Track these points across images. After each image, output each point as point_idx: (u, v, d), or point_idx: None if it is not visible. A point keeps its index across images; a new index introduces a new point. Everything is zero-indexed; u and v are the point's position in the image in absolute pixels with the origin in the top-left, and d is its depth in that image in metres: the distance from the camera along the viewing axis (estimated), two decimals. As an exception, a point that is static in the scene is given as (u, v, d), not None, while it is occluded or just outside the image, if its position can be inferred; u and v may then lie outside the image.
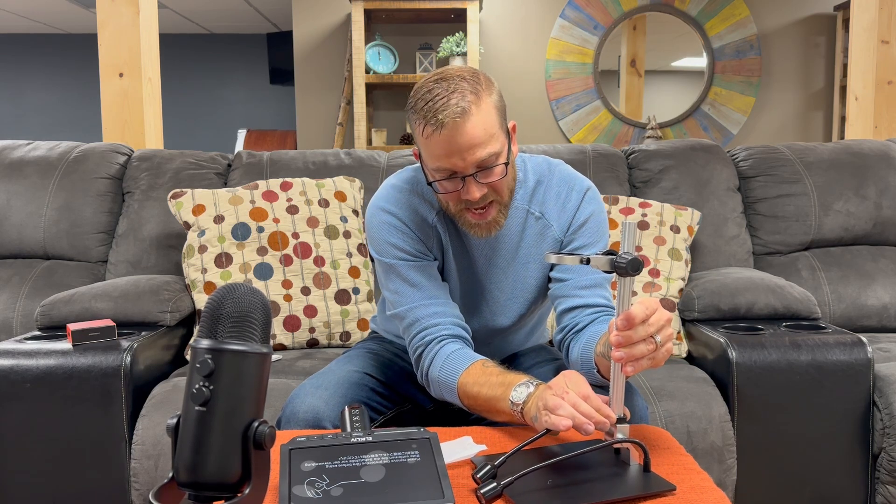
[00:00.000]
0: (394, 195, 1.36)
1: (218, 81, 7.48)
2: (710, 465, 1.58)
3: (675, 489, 0.94)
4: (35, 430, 1.55)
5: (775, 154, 2.30)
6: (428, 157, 1.22)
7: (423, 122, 1.19)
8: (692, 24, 4.15)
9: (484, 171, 1.20)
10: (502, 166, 1.22)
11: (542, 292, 1.42)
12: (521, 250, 1.38)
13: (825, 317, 2.11)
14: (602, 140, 4.22)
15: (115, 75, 2.63)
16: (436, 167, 1.21)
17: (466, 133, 1.16)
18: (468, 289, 1.40)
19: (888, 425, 1.62)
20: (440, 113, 1.16)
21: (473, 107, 1.17)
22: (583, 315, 1.31)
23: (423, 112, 1.18)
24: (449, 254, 1.37)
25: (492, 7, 4.13)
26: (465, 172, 1.19)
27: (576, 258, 1.03)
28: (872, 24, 2.90)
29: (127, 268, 2.13)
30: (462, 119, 1.16)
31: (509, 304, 1.41)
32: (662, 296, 1.91)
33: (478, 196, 1.21)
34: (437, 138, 1.17)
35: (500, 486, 0.91)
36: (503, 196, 1.26)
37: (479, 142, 1.18)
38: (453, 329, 1.29)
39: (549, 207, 1.37)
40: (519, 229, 1.37)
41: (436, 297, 1.31)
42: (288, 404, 1.28)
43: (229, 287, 0.71)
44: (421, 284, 1.31)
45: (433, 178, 1.23)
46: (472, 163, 1.18)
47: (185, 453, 0.68)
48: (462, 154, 1.17)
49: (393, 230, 1.33)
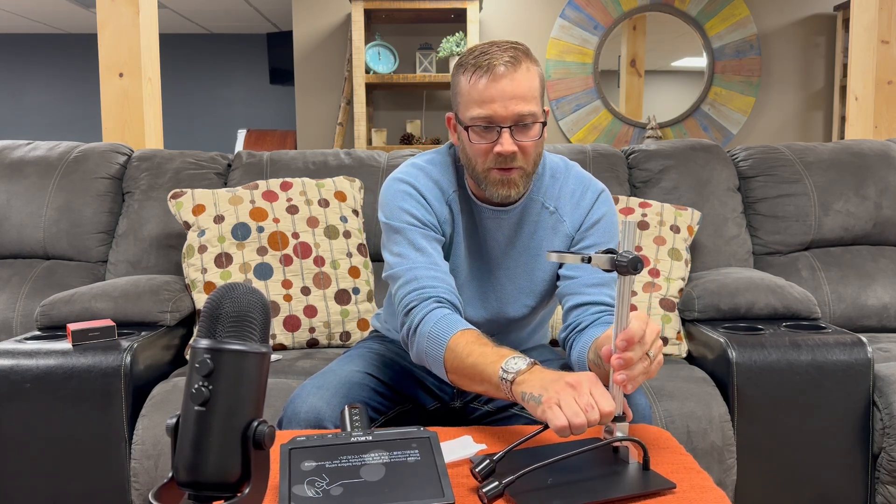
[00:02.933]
0: (413, 171, 1.38)
1: (218, 81, 7.49)
2: (710, 465, 1.58)
3: (676, 487, 0.94)
4: (35, 430, 1.55)
5: (775, 154, 2.30)
6: (470, 104, 1.25)
7: (472, 69, 1.24)
8: (692, 24, 4.15)
9: (520, 127, 1.25)
10: (538, 127, 1.27)
11: (550, 287, 1.43)
12: (534, 242, 1.39)
13: (825, 317, 2.11)
14: (602, 140, 4.22)
15: (115, 75, 2.63)
16: (476, 114, 1.24)
17: (514, 81, 1.22)
18: (477, 273, 1.40)
19: (888, 425, 1.62)
20: (494, 59, 1.22)
21: (523, 64, 1.24)
22: (587, 314, 1.31)
23: (474, 62, 1.24)
24: (460, 234, 1.38)
25: (492, 7, 4.13)
26: (503, 123, 1.23)
27: (577, 257, 1.03)
28: (872, 24, 2.90)
29: (127, 268, 2.13)
30: (512, 68, 1.22)
31: (519, 296, 1.41)
32: (662, 296, 1.91)
33: (509, 150, 1.24)
34: (484, 83, 1.22)
35: (502, 484, 0.91)
36: (529, 162, 1.29)
37: (523, 95, 1.23)
38: (452, 297, 1.28)
39: (563, 203, 1.40)
40: (533, 219, 1.39)
41: (437, 266, 1.30)
42: (289, 405, 1.28)
43: (228, 287, 0.71)
44: (426, 250, 1.31)
45: (470, 124, 1.25)
46: (512, 113, 1.23)
47: (184, 453, 0.68)
48: (505, 102, 1.22)
49: (408, 198, 1.34)
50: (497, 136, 1.24)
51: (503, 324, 1.46)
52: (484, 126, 1.24)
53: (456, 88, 1.29)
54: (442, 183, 1.37)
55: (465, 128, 1.27)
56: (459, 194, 1.38)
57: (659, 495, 0.93)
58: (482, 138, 1.25)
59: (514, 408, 1.43)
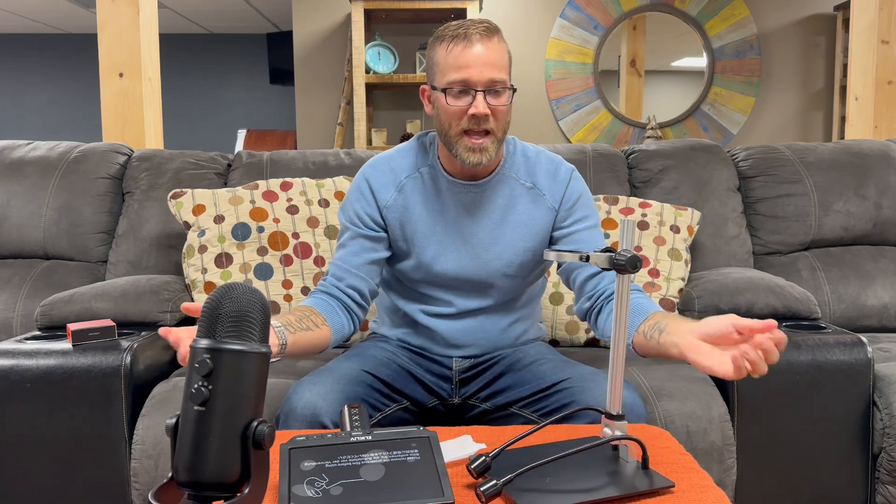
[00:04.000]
0: (380, 158, 1.53)
1: (218, 81, 7.49)
2: (710, 465, 1.58)
3: (675, 486, 0.94)
4: (35, 430, 1.55)
5: (775, 154, 2.30)
6: (447, 69, 1.36)
7: (450, 39, 1.36)
8: (692, 24, 4.15)
9: (493, 93, 1.35)
10: (508, 94, 1.37)
11: (533, 259, 1.49)
12: (512, 213, 1.48)
13: (825, 317, 2.11)
14: (602, 140, 4.22)
15: (115, 75, 2.63)
16: (453, 79, 1.35)
17: (487, 49, 1.34)
18: (451, 245, 1.48)
19: (888, 425, 1.62)
20: (469, 30, 1.35)
21: (495, 36, 1.37)
22: (608, 280, 1.39)
23: (452, 33, 1.36)
24: (420, 210, 1.48)
25: (492, 7, 4.13)
26: (477, 87, 1.34)
27: (575, 255, 1.04)
28: (872, 24, 2.90)
29: (127, 268, 2.13)
30: (487, 36, 1.35)
31: (495, 260, 1.48)
32: (662, 296, 1.91)
33: (483, 112, 1.34)
34: (460, 49, 1.34)
35: (500, 483, 0.91)
36: (499, 127, 1.39)
37: (495, 62, 1.35)
38: (329, 288, 1.47)
39: (539, 179, 1.49)
40: (507, 193, 1.48)
41: (348, 262, 1.48)
42: (286, 401, 1.28)
43: (227, 287, 0.71)
44: (347, 247, 1.49)
45: (447, 87, 1.36)
46: (486, 78, 1.34)
47: (184, 453, 0.68)
48: (480, 68, 1.33)
49: (358, 194, 1.51)
50: (472, 98, 1.34)
51: (483, 290, 1.50)
52: (460, 90, 1.35)
53: (432, 59, 1.40)
54: (398, 169, 1.50)
55: (442, 90, 1.37)
56: (424, 174, 1.49)
57: (658, 494, 0.93)
58: (458, 100, 1.36)
59: (512, 407, 1.43)
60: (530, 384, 1.40)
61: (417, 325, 1.53)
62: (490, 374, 1.49)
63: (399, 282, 1.56)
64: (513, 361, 1.48)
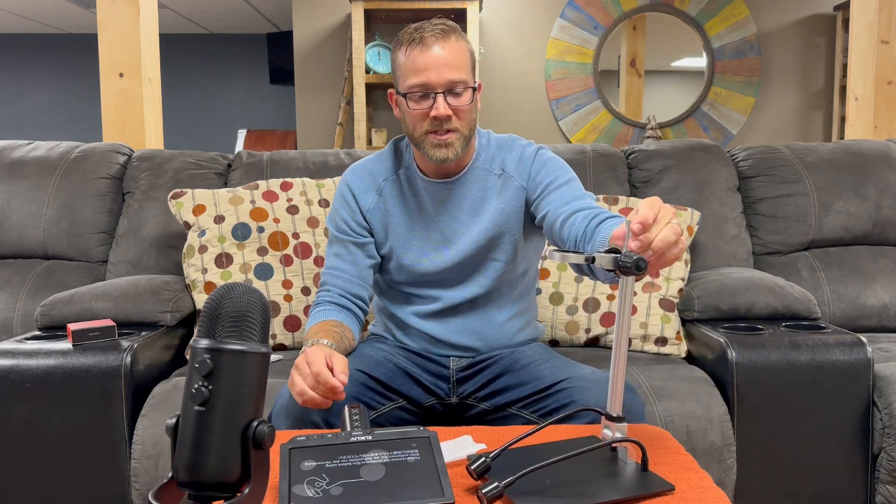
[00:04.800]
0: (359, 164, 1.57)
1: (218, 81, 7.49)
2: (710, 465, 1.58)
3: (674, 489, 0.94)
4: (35, 430, 1.55)
5: (775, 154, 2.30)
6: (407, 74, 1.37)
7: (407, 44, 1.38)
8: (692, 24, 4.15)
9: (452, 94, 1.37)
10: (469, 93, 1.39)
11: (511, 241, 1.49)
12: (486, 204, 1.49)
13: (825, 317, 2.11)
14: (602, 140, 4.22)
15: (115, 75, 2.63)
16: (412, 83, 1.37)
17: (444, 50, 1.36)
18: (427, 237, 1.51)
19: (888, 425, 1.62)
20: (425, 33, 1.37)
21: (452, 36, 1.38)
22: (584, 217, 1.28)
23: (408, 38, 1.38)
24: (401, 211, 1.52)
25: (492, 7, 4.13)
26: (436, 89, 1.36)
27: (580, 256, 1.02)
28: (872, 25, 2.90)
29: (127, 268, 2.13)
30: (442, 38, 1.36)
31: (470, 247, 1.48)
32: (662, 296, 1.91)
33: (444, 114, 1.36)
34: (417, 53, 1.36)
35: (502, 485, 0.91)
36: (465, 126, 1.40)
37: (453, 63, 1.36)
38: (338, 299, 1.49)
39: (508, 165, 1.51)
40: (480, 185, 1.50)
41: (345, 271, 1.51)
42: (278, 398, 1.29)
43: (228, 287, 0.71)
44: (343, 256, 1.52)
45: (408, 92, 1.38)
46: (444, 80, 1.36)
47: (184, 453, 0.68)
48: (438, 70, 1.35)
49: (342, 201, 1.54)
50: (432, 101, 1.37)
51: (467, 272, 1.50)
52: (420, 94, 1.37)
53: (395, 63, 1.42)
54: (377, 173, 1.54)
55: (404, 95, 1.39)
56: (402, 176, 1.53)
57: (657, 497, 0.93)
58: (419, 104, 1.38)
59: (511, 407, 1.43)
60: (529, 385, 1.40)
61: (410, 327, 1.53)
62: (488, 373, 1.49)
63: (388, 286, 1.58)
64: (511, 362, 1.48)
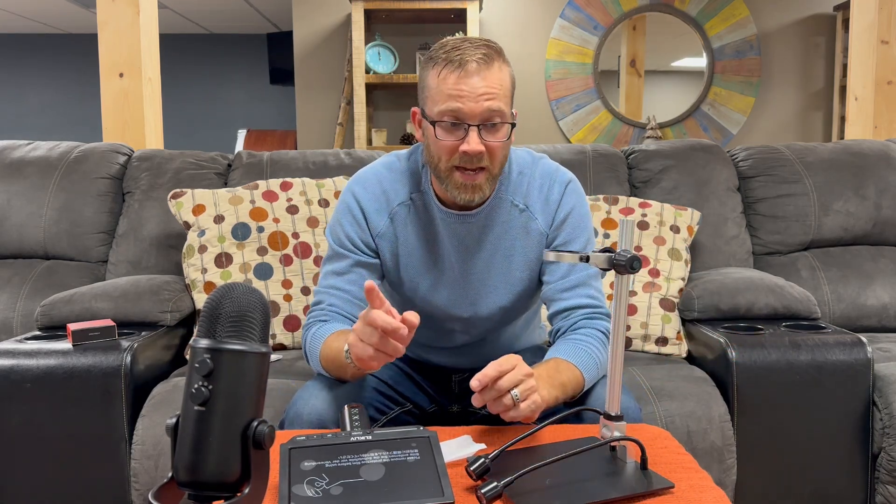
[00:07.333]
0: (369, 177, 1.38)
1: (218, 81, 7.49)
2: (710, 465, 1.58)
3: (674, 487, 0.94)
4: (35, 430, 1.55)
5: (775, 154, 2.30)
6: (438, 98, 1.21)
7: (443, 63, 1.20)
8: (692, 24, 4.15)
9: (488, 127, 1.21)
10: (507, 128, 1.23)
11: (529, 288, 1.40)
12: (505, 241, 1.37)
13: (825, 317, 2.11)
14: (602, 140, 4.22)
15: (115, 75, 2.63)
16: (444, 108, 1.20)
17: (485, 79, 1.19)
18: (445, 279, 1.38)
19: (888, 425, 1.62)
20: (466, 55, 1.19)
21: (496, 62, 1.21)
22: (566, 320, 1.34)
23: (445, 57, 1.21)
24: (413, 243, 1.37)
25: (492, 7, 4.13)
26: (471, 121, 1.20)
27: (575, 256, 1.03)
28: (872, 25, 2.90)
29: (127, 268, 2.13)
30: (485, 64, 1.19)
31: (490, 296, 1.39)
32: (662, 296, 1.91)
33: (476, 150, 1.20)
34: (454, 77, 1.19)
35: (501, 485, 0.91)
36: (495, 164, 1.26)
37: (493, 93, 1.20)
38: (339, 318, 1.34)
39: (532, 200, 1.37)
40: (504, 219, 1.36)
41: (347, 292, 1.36)
42: (291, 406, 1.27)
43: (227, 287, 0.71)
44: (344, 274, 1.36)
45: (437, 119, 1.22)
46: (481, 110, 1.20)
47: (184, 453, 0.68)
48: (475, 97, 1.19)
49: (349, 215, 1.37)
50: (464, 133, 1.20)
51: (480, 327, 1.43)
52: (451, 122, 1.21)
53: (424, 82, 1.25)
54: (391, 193, 1.36)
55: (432, 122, 1.23)
56: (416, 201, 1.36)
57: (657, 495, 0.93)
58: (449, 135, 1.22)
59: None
60: None
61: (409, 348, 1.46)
62: None
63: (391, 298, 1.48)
64: None
